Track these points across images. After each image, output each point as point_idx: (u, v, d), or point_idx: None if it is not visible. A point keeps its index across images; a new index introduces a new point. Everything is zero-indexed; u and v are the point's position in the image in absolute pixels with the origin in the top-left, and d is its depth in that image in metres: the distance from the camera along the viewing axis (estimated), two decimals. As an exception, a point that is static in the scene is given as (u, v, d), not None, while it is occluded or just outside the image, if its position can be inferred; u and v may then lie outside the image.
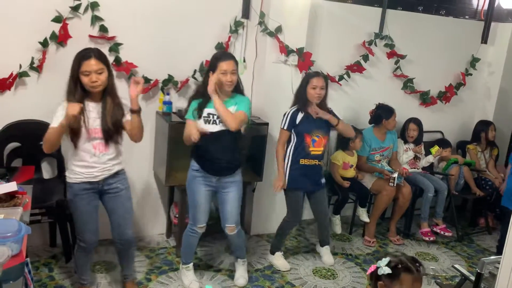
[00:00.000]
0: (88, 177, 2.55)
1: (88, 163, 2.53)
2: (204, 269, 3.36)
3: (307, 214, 4.05)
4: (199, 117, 2.82)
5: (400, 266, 1.76)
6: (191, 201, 2.95)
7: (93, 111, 2.51)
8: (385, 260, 1.79)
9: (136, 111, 2.56)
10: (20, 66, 3.09)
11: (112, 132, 2.53)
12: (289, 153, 3.27)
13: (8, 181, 2.48)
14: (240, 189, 3.00)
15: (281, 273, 3.41)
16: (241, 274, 3.22)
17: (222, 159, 2.85)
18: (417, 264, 1.79)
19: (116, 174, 2.65)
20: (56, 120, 2.45)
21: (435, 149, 4.34)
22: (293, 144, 3.26)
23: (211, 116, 2.81)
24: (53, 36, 3.11)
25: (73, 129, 2.46)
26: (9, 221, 1.89)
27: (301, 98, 3.23)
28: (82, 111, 2.44)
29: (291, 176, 3.27)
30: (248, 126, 3.08)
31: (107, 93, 2.53)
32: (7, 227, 1.78)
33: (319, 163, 3.32)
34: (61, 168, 3.29)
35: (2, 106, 3.11)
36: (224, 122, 2.78)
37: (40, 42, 3.09)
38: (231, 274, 3.30)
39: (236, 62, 2.84)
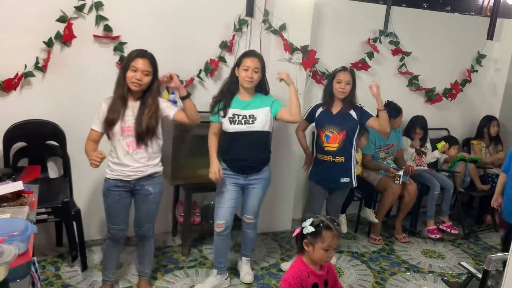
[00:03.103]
0: (121, 175, 2.61)
1: (121, 160, 2.59)
2: (209, 267, 3.37)
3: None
4: (224, 116, 2.86)
5: (321, 224, 2.02)
6: (218, 200, 2.98)
7: (129, 109, 2.57)
8: (309, 221, 2.04)
9: (186, 97, 2.66)
10: (25, 66, 3.10)
11: (144, 135, 2.58)
12: (313, 146, 3.40)
13: (14, 180, 2.48)
14: (266, 186, 3.06)
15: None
16: (247, 271, 3.23)
17: (248, 159, 2.91)
18: (335, 223, 2.06)
19: (150, 176, 2.68)
20: (96, 121, 2.59)
21: (441, 144, 4.33)
22: (315, 138, 3.37)
23: (236, 116, 2.85)
24: (58, 36, 3.12)
25: (109, 120, 2.54)
26: (16, 220, 1.90)
27: (327, 92, 3.29)
28: (124, 109, 2.55)
29: (312, 170, 3.37)
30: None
31: (148, 96, 2.58)
32: (14, 226, 1.79)
33: (336, 159, 3.22)
34: (66, 167, 3.30)
35: (8, 106, 3.13)
36: (294, 113, 2.87)
37: (44, 42, 3.10)
38: (237, 272, 3.30)
39: (262, 62, 2.87)
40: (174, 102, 3.45)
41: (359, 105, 3.27)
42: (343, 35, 4.07)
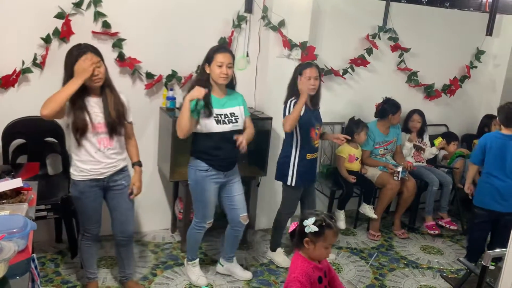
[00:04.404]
0: (93, 174, 2.55)
1: (93, 158, 2.52)
2: (209, 263, 3.37)
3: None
4: (210, 115, 2.76)
5: (324, 224, 2.03)
6: (200, 200, 2.93)
7: (95, 106, 2.50)
8: (311, 220, 2.04)
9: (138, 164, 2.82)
10: (23, 63, 3.10)
11: (116, 124, 2.54)
12: (296, 149, 3.18)
13: (13, 177, 2.48)
14: (240, 176, 3.06)
15: (286, 268, 3.41)
16: (241, 268, 3.24)
17: (232, 156, 2.89)
18: (333, 219, 2.09)
19: (121, 170, 2.66)
20: None
21: (438, 140, 4.34)
22: (299, 139, 3.17)
23: (219, 116, 2.79)
24: (56, 32, 3.11)
25: (78, 126, 2.44)
26: (15, 217, 1.89)
27: (296, 89, 3.11)
28: (85, 107, 2.45)
29: (299, 174, 3.18)
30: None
31: (106, 86, 2.52)
32: (13, 223, 1.79)
33: (317, 154, 3.32)
34: (66, 164, 3.30)
35: (6, 103, 3.13)
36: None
37: (42, 38, 3.09)
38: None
39: (233, 56, 2.82)
40: (173, 99, 3.46)
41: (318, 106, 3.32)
42: (342, 31, 4.06)
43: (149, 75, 3.44)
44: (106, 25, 3.22)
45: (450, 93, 4.67)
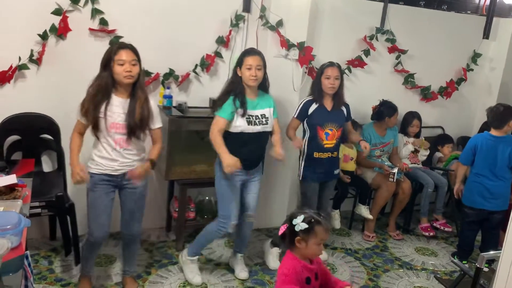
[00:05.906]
0: (108, 169, 2.58)
1: (109, 155, 2.56)
2: (205, 263, 3.37)
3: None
4: (243, 115, 2.82)
5: (313, 220, 2.02)
6: (223, 199, 2.96)
7: (119, 106, 2.52)
8: (300, 218, 2.02)
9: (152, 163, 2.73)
10: (20, 59, 3.08)
11: (136, 128, 2.54)
12: (304, 145, 3.28)
13: (8, 173, 2.47)
14: (261, 177, 3.10)
15: (274, 269, 3.40)
16: (242, 268, 3.24)
17: (258, 156, 2.97)
18: (322, 217, 2.09)
19: None
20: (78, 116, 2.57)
21: (421, 142, 4.36)
22: (307, 137, 3.28)
23: (251, 117, 2.86)
24: (53, 28, 3.10)
25: (89, 121, 2.49)
26: (9, 213, 1.88)
27: (316, 89, 3.26)
28: (106, 105, 2.48)
29: (306, 169, 3.30)
30: None
31: (138, 88, 2.54)
32: (7, 219, 1.78)
33: (333, 154, 3.31)
34: (61, 161, 3.29)
35: (1, 99, 3.11)
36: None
37: (39, 35, 3.08)
38: (230, 268, 3.30)
39: (264, 59, 2.87)
40: (170, 97, 3.45)
41: (347, 104, 3.37)
42: (339, 32, 4.06)
43: (146, 73, 3.43)
44: (103, 22, 3.21)
45: (446, 95, 4.68)
